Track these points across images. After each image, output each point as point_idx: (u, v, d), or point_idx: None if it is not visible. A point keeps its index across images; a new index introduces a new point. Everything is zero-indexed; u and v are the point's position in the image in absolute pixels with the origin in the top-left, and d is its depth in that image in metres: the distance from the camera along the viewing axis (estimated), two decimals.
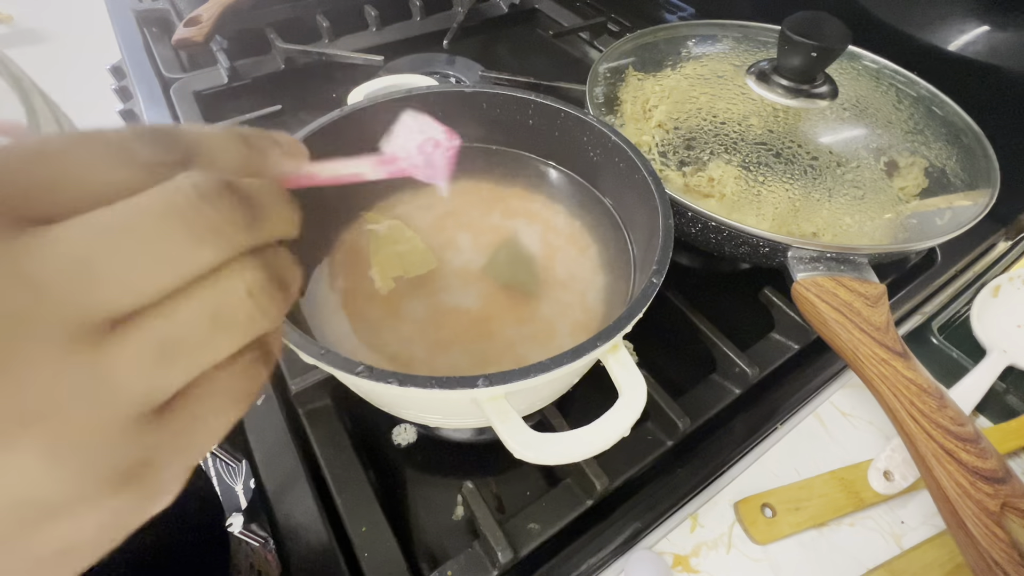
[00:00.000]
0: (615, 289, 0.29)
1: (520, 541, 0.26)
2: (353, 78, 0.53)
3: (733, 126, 0.36)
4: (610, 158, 0.30)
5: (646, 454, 0.30)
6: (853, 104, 0.37)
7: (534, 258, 0.30)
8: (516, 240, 0.31)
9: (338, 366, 0.19)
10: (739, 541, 0.29)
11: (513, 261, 0.30)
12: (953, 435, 0.25)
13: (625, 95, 0.41)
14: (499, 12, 0.66)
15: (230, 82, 0.52)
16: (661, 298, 0.33)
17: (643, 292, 0.21)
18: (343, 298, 0.28)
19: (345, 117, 0.30)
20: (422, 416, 0.27)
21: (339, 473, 0.28)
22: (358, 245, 0.30)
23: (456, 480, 0.30)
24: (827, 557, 0.29)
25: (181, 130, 0.13)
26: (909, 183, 0.35)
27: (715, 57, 0.42)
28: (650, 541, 0.29)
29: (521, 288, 0.29)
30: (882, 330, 0.28)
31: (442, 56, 0.58)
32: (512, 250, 0.31)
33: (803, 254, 0.30)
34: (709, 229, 0.32)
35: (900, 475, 0.30)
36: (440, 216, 0.32)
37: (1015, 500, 0.23)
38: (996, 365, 0.36)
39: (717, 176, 0.35)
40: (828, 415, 0.35)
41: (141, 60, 0.56)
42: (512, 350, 0.27)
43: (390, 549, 0.26)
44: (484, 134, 0.34)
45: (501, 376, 0.19)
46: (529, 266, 0.30)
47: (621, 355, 0.21)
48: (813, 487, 0.31)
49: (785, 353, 0.34)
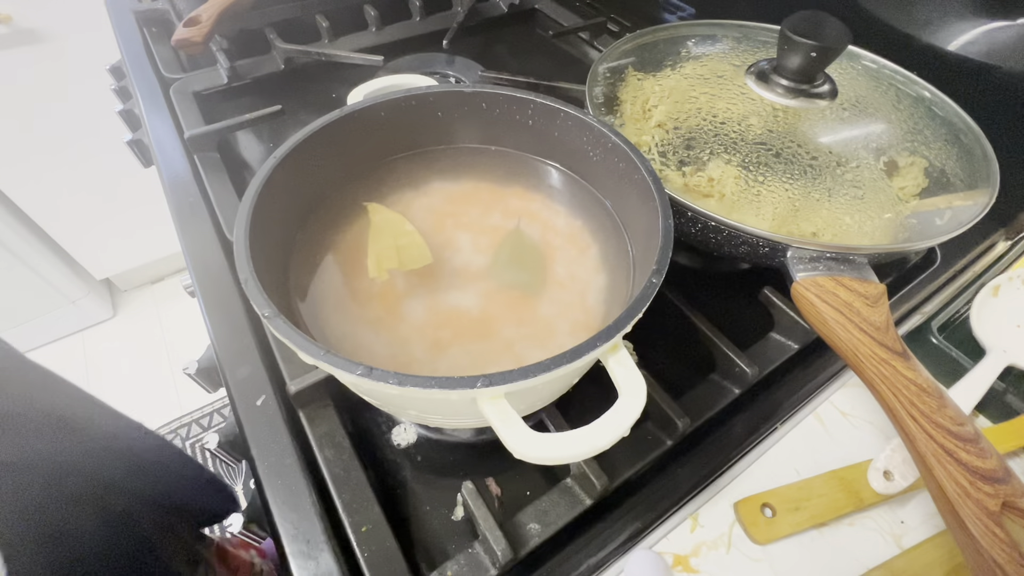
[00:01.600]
0: (615, 289, 0.29)
1: (520, 541, 0.26)
2: (353, 78, 0.53)
3: (733, 126, 0.36)
4: (610, 158, 0.30)
5: (646, 454, 0.30)
6: (853, 104, 0.37)
7: (538, 257, 0.30)
8: (517, 239, 0.31)
9: (338, 366, 0.19)
10: (739, 541, 0.29)
11: (516, 262, 0.30)
12: (953, 435, 0.25)
13: (625, 95, 0.41)
14: (499, 12, 0.66)
15: (230, 82, 0.52)
16: (661, 298, 0.33)
17: (643, 292, 0.21)
18: (343, 298, 0.28)
19: (345, 117, 0.30)
20: (422, 416, 0.27)
21: (339, 473, 0.28)
22: (358, 245, 0.30)
23: (456, 480, 0.30)
24: (827, 557, 0.29)
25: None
26: (909, 183, 0.35)
27: (715, 57, 0.42)
28: (650, 541, 0.29)
29: (525, 289, 0.29)
30: (882, 330, 0.28)
31: (442, 56, 0.58)
32: (514, 250, 0.31)
33: (803, 254, 0.30)
34: (709, 229, 0.32)
35: (900, 475, 0.30)
36: (440, 216, 0.32)
37: (1015, 500, 0.23)
38: (996, 365, 0.36)
39: (717, 176, 0.35)
40: (828, 415, 0.35)
41: (141, 60, 0.56)
42: (512, 350, 0.27)
43: (390, 549, 0.26)
44: (484, 134, 0.34)
45: (501, 376, 0.19)
46: (533, 266, 0.30)
47: (621, 355, 0.21)
48: (813, 487, 0.31)
49: (785, 353, 0.34)
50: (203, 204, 0.42)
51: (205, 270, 0.37)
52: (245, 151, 0.49)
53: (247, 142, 0.50)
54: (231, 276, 0.37)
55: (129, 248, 1.31)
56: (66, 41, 0.97)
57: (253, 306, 0.21)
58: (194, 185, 0.43)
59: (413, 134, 0.34)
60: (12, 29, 0.92)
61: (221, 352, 0.33)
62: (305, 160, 0.28)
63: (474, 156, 0.35)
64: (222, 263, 0.37)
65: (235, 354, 0.33)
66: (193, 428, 1.19)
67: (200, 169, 0.44)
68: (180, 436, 1.18)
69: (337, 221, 0.31)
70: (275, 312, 0.20)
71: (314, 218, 0.31)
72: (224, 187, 0.42)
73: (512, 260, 0.30)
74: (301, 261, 0.29)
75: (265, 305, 0.20)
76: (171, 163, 0.45)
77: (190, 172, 0.44)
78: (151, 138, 0.48)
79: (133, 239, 1.29)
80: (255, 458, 0.29)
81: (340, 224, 0.31)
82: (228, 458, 0.41)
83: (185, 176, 0.44)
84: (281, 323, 0.20)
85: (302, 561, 0.26)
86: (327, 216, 0.31)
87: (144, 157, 0.57)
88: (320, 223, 0.31)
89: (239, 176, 0.45)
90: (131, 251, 1.32)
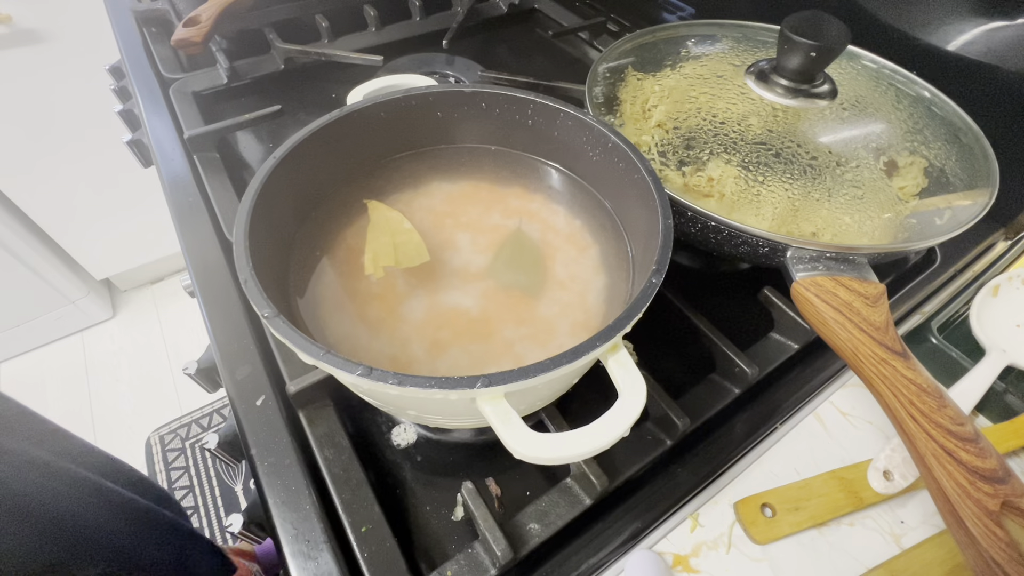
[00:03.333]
0: (614, 289, 0.29)
1: (520, 541, 0.26)
2: (352, 78, 0.53)
3: (732, 126, 0.36)
4: (609, 158, 0.30)
5: (646, 454, 0.30)
6: (852, 104, 0.37)
7: (538, 259, 0.30)
8: (518, 240, 0.31)
9: (338, 367, 0.19)
10: (739, 541, 0.29)
11: (516, 263, 0.30)
12: (952, 435, 0.25)
13: (624, 95, 0.41)
14: (498, 12, 0.66)
15: (229, 82, 0.52)
16: (661, 298, 0.33)
17: (643, 292, 0.21)
18: (343, 298, 0.28)
19: (345, 117, 0.30)
20: (422, 416, 0.27)
21: (339, 473, 0.28)
22: (358, 245, 0.30)
23: (456, 480, 0.30)
24: (827, 557, 0.29)
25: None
26: (908, 183, 0.35)
27: (714, 57, 0.42)
28: (650, 541, 0.29)
29: (525, 290, 0.29)
30: (882, 330, 0.28)
31: (441, 56, 0.58)
32: (515, 251, 0.31)
33: (802, 254, 0.30)
34: (708, 229, 0.32)
35: (900, 475, 0.30)
36: (440, 216, 0.32)
37: (1015, 499, 0.23)
38: (995, 364, 0.36)
39: (716, 176, 0.35)
40: (828, 415, 0.35)
41: (140, 60, 0.56)
42: (511, 350, 0.27)
43: (390, 549, 0.26)
44: (483, 134, 0.34)
45: (501, 376, 0.19)
46: (533, 267, 0.30)
47: (621, 355, 0.21)
48: (813, 487, 0.31)
49: (785, 353, 0.34)
50: (203, 204, 0.42)
51: (205, 270, 0.37)
52: (245, 151, 0.49)
53: (247, 142, 0.50)
54: (231, 276, 0.37)
55: (129, 248, 1.31)
56: (66, 41, 0.97)
57: (253, 306, 0.21)
58: (194, 185, 0.43)
59: (413, 134, 0.34)
60: (12, 29, 0.92)
61: (221, 352, 0.33)
62: (305, 160, 0.28)
63: (474, 156, 0.35)
64: (222, 263, 0.37)
65: (235, 354, 0.33)
66: (193, 428, 1.19)
67: (200, 169, 0.44)
68: (180, 436, 1.18)
69: (337, 221, 0.31)
70: (275, 312, 0.20)
71: (314, 218, 0.31)
72: (224, 187, 0.42)
73: (512, 261, 0.30)
74: (301, 261, 0.29)
75: (265, 305, 0.20)
76: (171, 163, 0.45)
77: (190, 172, 0.44)
78: (151, 138, 0.48)
79: (133, 239, 1.29)
80: (255, 458, 0.29)
81: (340, 224, 0.31)
82: (228, 458, 0.41)
83: (185, 176, 0.44)
84: (281, 323, 0.20)
85: (302, 561, 0.26)
86: (327, 216, 0.31)
87: (144, 157, 0.57)
88: (320, 223, 0.31)
89: (239, 176, 0.45)
90: (131, 251, 1.32)
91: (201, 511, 1.07)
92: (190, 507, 1.08)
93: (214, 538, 0.52)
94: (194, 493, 1.10)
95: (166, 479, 1.12)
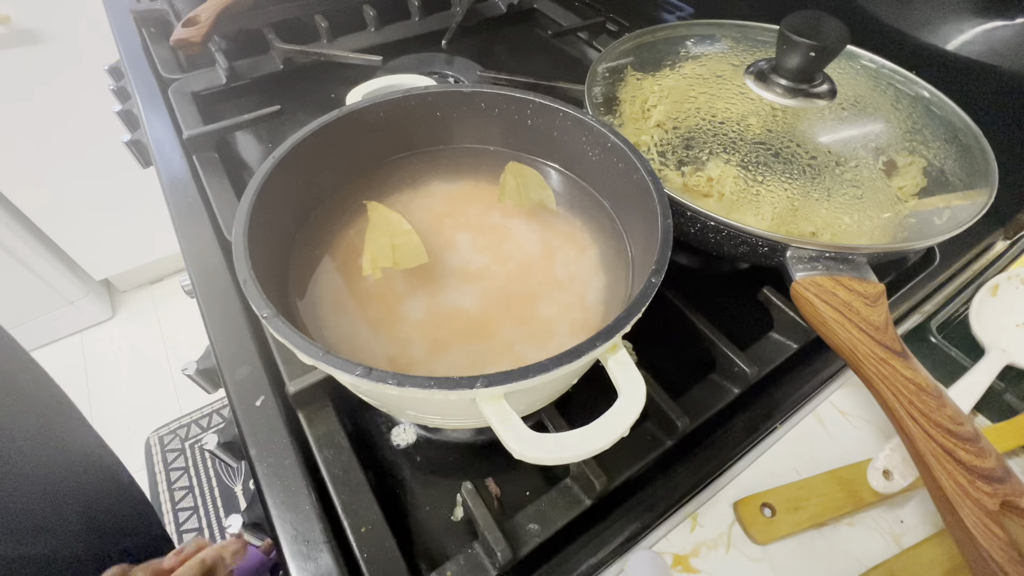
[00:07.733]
0: (614, 289, 0.29)
1: (520, 541, 0.26)
2: (352, 78, 0.53)
3: (732, 126, 0.36)
4: (609, 158, 0.30)
5: (646, 454, 0.30)
6: (852, 104, 0.37)
7: (540, 178, 0.33)
8: (516, 169, 0.33)
9: (337, 367, 0.19)
10: (739, 541, 0.29)
11: (524, 186, 0.32)
12: (952, 434, 0.25)
13: (624, 95, 0.41)
14: (497, 12, 0.66)
15: (228, 82, 0.52)
16: (660, 298, 0.33)
17: (642, 292, 0.21)
18: (342, 299, 0.28)
19: (344, 117, 0.30)
20: (421, 417, 0.27)
21: (338, 473, 0.28)
22: (357, 246, 0.30)
23: (456, 480, 0.30)
24: (826, 557, 0.29)
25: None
26: (908, 182, 0.35)
27: (714, 57, 0.42)
28: (650, 541, 0.29)
29: (542, 204, 0.32)
30: (881, 329, 0.28)
31: (441, 56, 0.58)
32: (517, 177, 0.32)
33: (802, 254, 0.30)
34: (708, 229, 0.32)
35: (899, 474, 0.30)
36: (439, 216, 0.32)
37: (1014, 499, 0.23)
38: (995, 364, 0.36)
39: (716, 176, 0.35)
40: (827, 415, 0.35)
41: (139, 60, 0.55)
42: (511, 350, 0.27)
43: (390, 549, 0.26)
44: (483, 134, 0.34)
45: (500, 376, 0.19)
46: (539, 185, 0.32)
47: (620, 355, 0.21)
48: (812, 487, 0.31)
49: (784, 353, 0.34)
50: (202, 204, 0.41)
51: (204, 270, 0.37)
52: (244, 151, 0.49)
53: (246, 142, 0.50)
54: (230, 276, 0.37)
55: (128, 248, 1.31)
56: (64, 41, 0.97)
57: (252, 307, 0.21)
58: (193, 185, 0.43)
59: (412, 134, 0.34)
60: (11, 29, 0.92)
61: (220, 352, 0.33)
62: (304, 160, 0.28)
63: (473, 156, 0.35)
64: (221, 263, 0.37)
65: (234, 354, 0.33)
66: (192, 429, 1.19)
67: (199, 169, 0.44)
68: (179, 436, 1.18)
69: (336, 221, 0.31)
70: (274, 313, 0.20)
71: (313, 218, 0.31)
72: (223, 187, 0.42)
73: (520, 185, 0.32)
74: (300, 261, 0.29)
75: (264, 306, 0.20)
76: (170, 163, 0.45)
77: (189, 172, 0.44)
78: (150, 138, 0.48)
79: (132, 239, 1.29)
80: (254, 459, 0.29)
81: (339, 225, 0.31)
82: (227, 459, 0.41)
83: (184, 176, 0.44)
84: (280, 324, 0.20)
85: (301, 562, 0.25)
86: (326, 216, 0.31)
87: (143, 157, 0.57)
88: (319, 223, 0.31)
89: (238, 176, 0.45)
90: (130, 251, 1.32)
91: (200, 511, 1.07)
92: (189, 507, 1.08)
93: (214, 539, 0.52)
94: (193, 493, 1.10)
95: (166, 479, 1.12)
